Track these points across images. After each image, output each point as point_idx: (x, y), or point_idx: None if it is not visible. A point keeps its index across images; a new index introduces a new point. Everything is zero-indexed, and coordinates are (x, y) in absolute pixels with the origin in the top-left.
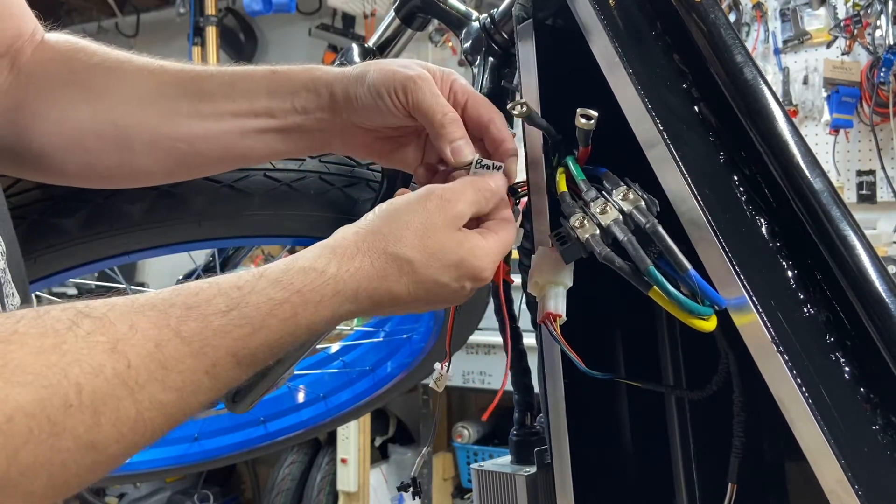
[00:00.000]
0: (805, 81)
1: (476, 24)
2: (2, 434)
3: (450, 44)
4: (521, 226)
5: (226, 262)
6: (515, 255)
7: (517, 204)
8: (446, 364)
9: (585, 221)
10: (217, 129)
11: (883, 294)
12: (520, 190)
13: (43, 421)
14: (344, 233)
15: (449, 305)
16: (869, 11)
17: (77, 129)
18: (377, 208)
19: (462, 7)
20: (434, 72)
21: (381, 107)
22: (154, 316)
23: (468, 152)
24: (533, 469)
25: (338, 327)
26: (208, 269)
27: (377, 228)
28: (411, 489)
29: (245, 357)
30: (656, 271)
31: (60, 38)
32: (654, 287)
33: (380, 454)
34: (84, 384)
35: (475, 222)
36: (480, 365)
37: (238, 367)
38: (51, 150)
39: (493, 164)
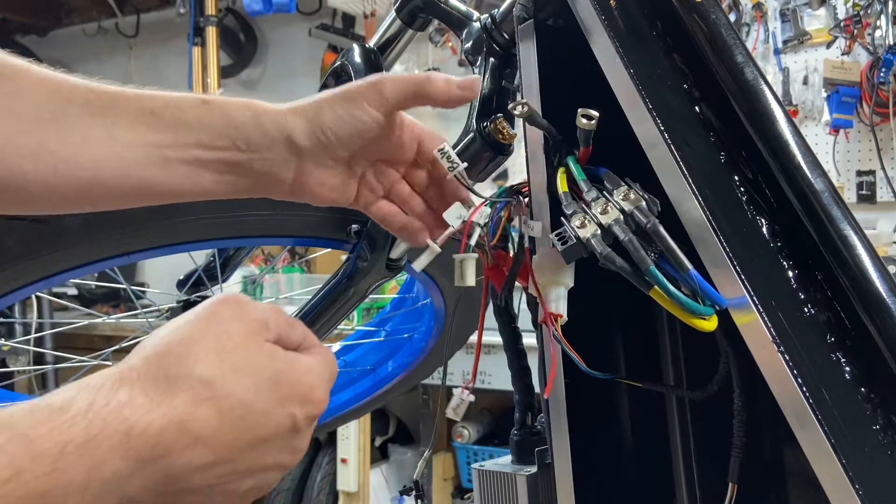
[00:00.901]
0: (805, 81)
1: (477, 25)
2: None
3: (450, 44)
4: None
5: (226, 263)
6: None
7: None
8: (469, 388)
9: (586, 221)
10: (130, 159)
11: (883, 294)
12: (522, 190)
13: None
14: (107, 370)
15: (280, 458)
16: (869, 11)
17: None
18: (153, 333)
19: (463, 7)
20: None
21: (357, 113)
22: None
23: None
24: (534, 469)
25: (338, 327)
26: (209, 270)
27: (151, 352)
28: (413, 492)
29: None
30: (657, 271)
31: None
32: (655, 287)
33: (380, 454)
34: None
35: None
36: (481, 365)
37: None
38: None
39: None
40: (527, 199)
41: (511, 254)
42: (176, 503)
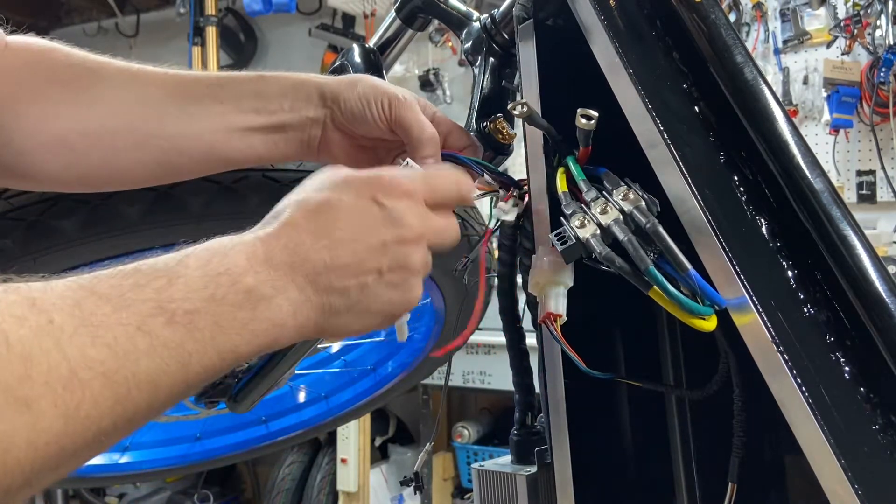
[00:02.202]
0: (805, 81)
1: (477, 25)
2: None
3: (450, 44)
4: (521, 225)
5: None
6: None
7: (520, 199)
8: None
9: (586, 221)
10: (201, 128)
11: (883, 294)
12: (523, 186)
13: None
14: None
15: (395, 231)
16: (869, 11)
17: (60, 127)
18: None
19: (463, 7)
20: (418, 100)
21: (367, 115)
22: (65, 281)
23: None
24: (533, 469)
25: None
26: None
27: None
28: (413, 484)
29: (177, 313)
30: (656, 271)
31: (29, 39)
32: (655, 287)
33: (380, 454)
34: (9, 332)
35: None
36: (480, 365)
37: (175, 325)
38: (31, 148)
39: None
40: (515, 190)
41: None
42: (340, 290)
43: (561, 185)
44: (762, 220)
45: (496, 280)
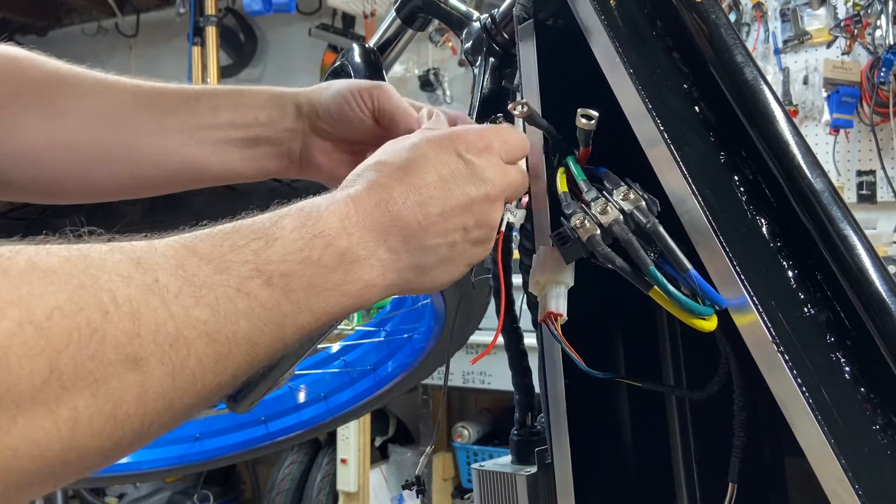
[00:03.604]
0: (805, 81)
1: (477, 25)
2: (42, 334)
3: (450, 44)
4: (521, 226)
5: None
6: (516, 255)
7: (519, 200)
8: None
9: (586, 221)
10: (176, 141)
11: (883, 294)
12: None
13: (82, 323)
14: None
15: (472, 189)
16: (869, 11)
17: (27, 138)
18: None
19: (463, 7)
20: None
21: (348, 112)
22: (166, 242)
23: None
24: (533, 469)
25: (338, 327)
26: None
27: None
28: (415, 487)
29: (274, 275)
30: (657, 271)
31: (1, 46)
32: (655, 287)
33: (380, 454)
34: (116, 291)
35: None
36: (480, 365)
37: (272, 287)
38: None
39: None
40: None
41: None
42: (432, 243)
43: (561, 185)
44: (762, 220)
45: (491, 281)
